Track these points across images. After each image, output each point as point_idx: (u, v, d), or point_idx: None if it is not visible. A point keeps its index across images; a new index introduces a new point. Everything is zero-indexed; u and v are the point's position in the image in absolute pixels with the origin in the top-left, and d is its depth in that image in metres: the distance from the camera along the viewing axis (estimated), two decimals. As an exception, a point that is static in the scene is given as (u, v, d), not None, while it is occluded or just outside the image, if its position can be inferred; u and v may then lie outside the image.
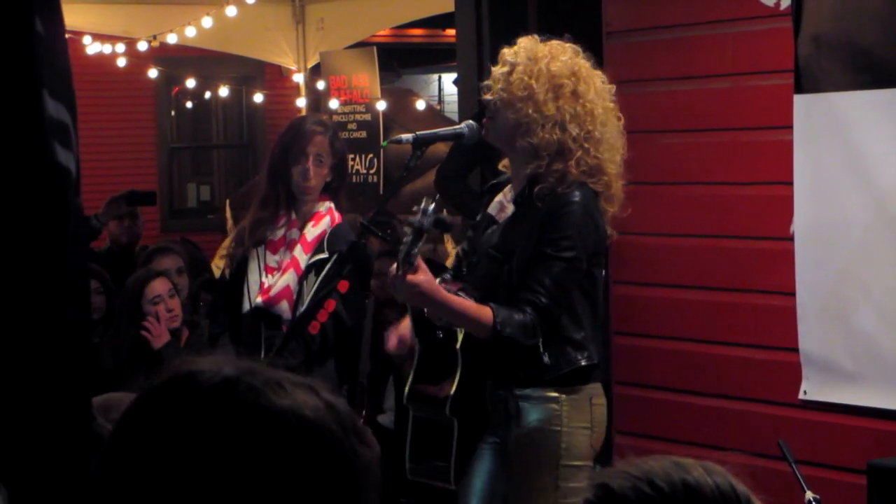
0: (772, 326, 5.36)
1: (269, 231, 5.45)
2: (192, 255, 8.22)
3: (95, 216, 7.46)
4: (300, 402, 1.39)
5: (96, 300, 6.90)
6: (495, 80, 4.26)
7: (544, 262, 4.12)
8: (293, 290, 5.35)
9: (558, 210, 4.14)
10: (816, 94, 5.08)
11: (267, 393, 1.38)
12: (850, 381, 5.07)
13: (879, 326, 4.98)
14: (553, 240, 4.13)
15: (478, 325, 4.10)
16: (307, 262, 5.36)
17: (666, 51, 5.73)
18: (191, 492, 1.33)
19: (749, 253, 5.45)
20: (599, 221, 4.23)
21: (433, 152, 5.62)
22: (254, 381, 1.40)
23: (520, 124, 4.18)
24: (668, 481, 1.51)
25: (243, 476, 1.34)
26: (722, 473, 1.55)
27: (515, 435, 4.22)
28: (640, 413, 5.90)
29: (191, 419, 1.37)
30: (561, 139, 4.16)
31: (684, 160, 5.70)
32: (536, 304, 4.10)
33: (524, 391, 4.19)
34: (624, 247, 5.76)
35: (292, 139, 5.44)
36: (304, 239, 5.40)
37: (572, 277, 4.15)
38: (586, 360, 4.20)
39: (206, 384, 1.39)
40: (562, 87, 4.19)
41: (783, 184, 5.22)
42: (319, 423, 1.39)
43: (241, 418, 1.37)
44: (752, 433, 5.39)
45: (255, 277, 5.42)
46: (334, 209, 5.46)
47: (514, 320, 4.08)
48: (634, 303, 5.91)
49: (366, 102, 10.23)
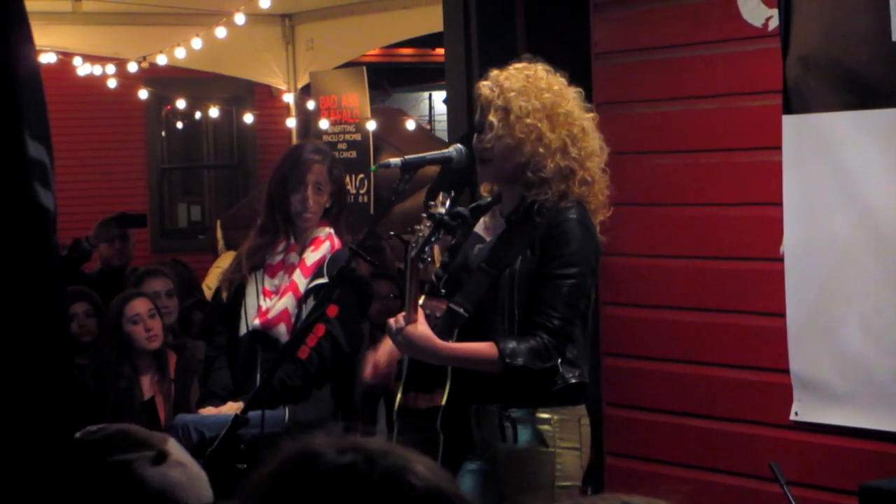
0: (762, 347, 5.36)
1: (267, 255, 5.45)
2: (182, 276, 8.22)
3: (86, 238, 7.45)
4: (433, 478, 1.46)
5: (88, 323, 6.88)
6: (490, 125, 4.23)
7: (551, 282, 4.12)
8: (291, 313, 5.34)
9: (558, 227, 4.15)
10: (805, 115, 5.08)
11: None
12: (842, 402, 5.06)
13: (870, 347, 4.97)
14: (557, 259, 4.13)
15: (484, 363, 4.09)
16: (306, 286, 5.36)
17: (654, 72, 5.73)
18: None
19: (739, 274, 5.45)
20: (596, 234, 4.24)
21: (423, 173, 5.61)
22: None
23: (528, 163, 4.19)
24: None
25: None
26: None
27: (505, 456, 4.19)
28: (630, 434, 5.88)
29: None
30: (566, 164, 4.18)
31: (673, 181, 5.70)
32: (549, 327, 4.10)
33: (515, 412, 4.18)
34: (613, 268, 5.76)
35: (290, 168, 5.44)
36: (304, 263, 5.40)
37: (581, 293, 4.16)
38: (577, 378, 4.19)
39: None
40: (556, 116, 4.20)
41: (772, 204, 5.22)
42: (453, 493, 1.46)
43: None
44: (744, 455, 5.38)
45: (253, 301, 5.41)
46: (334, 235, 5.46)
47: (523, 349, 4.08)
48: (624, 324, 5.91)
49: (356, 122, 10.24)
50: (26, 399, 1.51)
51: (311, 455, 1.47)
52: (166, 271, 7.54)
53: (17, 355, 1.49)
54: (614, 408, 5.95)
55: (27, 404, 1.51)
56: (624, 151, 5.67)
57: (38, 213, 1.52)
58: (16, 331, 1.49)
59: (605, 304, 5.92)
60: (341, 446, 1.47)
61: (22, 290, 1.49)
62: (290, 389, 5.27)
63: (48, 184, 1.54)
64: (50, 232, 1.54)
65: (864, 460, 4.97)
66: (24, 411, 1.50)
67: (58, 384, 1.55)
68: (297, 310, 5.34)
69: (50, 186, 1.54)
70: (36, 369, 1.51)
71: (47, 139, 1.56)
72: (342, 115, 10.35)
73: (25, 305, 1.49)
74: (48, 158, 1.56)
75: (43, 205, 1.53)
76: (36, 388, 1.51)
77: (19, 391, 1.50)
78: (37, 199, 1.51)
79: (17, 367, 1.50)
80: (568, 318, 4.13)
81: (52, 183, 1.55)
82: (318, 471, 1.45)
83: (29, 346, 1.50)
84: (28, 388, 1.50)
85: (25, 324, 1.50)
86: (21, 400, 1.51)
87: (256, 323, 5.35)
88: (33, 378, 1.51)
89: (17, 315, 1.49)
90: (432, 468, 1.48)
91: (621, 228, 5.72)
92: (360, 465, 1.45)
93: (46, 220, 1.53)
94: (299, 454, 1.47)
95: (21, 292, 1.49)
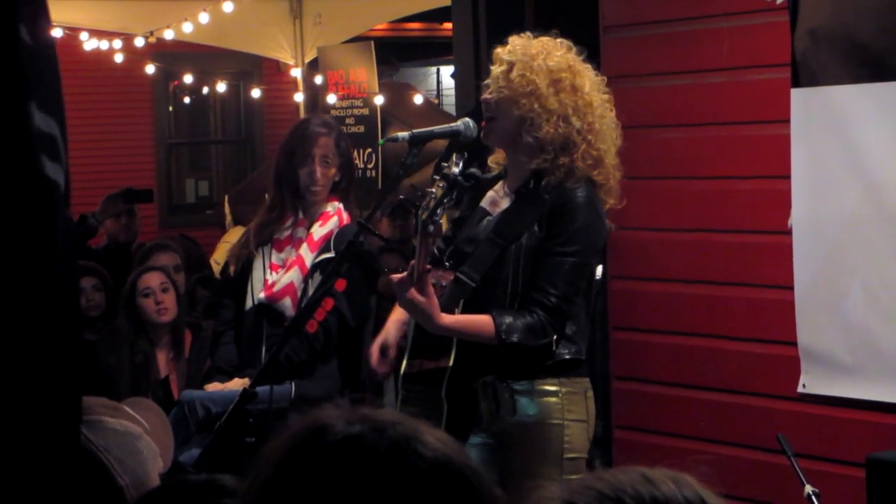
0: (770, 320, 5.36)
1: (275, 230, 5.45)
2: (189, 251, 8.23)
3: (93, 214, 7.46)
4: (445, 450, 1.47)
5: (95, 297, 6.90)
6: (494, 79, 4.26)
7: (553, 260, 4.13)
8: (297, 287, 5.35)
9: (565, 205, 4.16)
10: (813, 88, 5.07)
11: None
12: (849, 375, 5.07)
13: (877, 320, 4.97)
14: (561, 236, 4.14)
15: (481, 337, 4.11)
16: (313, 260, 5.36)
17: (663, 45, 5.72)
18: None
19: (747, 247, 5.45)
20: (604, 216, 4.25)
21: (431, 147, 5.60)
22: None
23: (524, 119, 4.19)
24: (637, 498, 1.48)
25: None
26: (691, 486, 1.52)
27: (513, 429, 4.20)
28: (638, 407, 5.89)
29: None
30: (565, 132, 4.18)
31: (681, 155, 5.69)
32: (546, 304, 4.11)
33: (518, 385, 4.18)
34: (622, 242, 5.76)
35: (297, 142, 5.43)
36: (311, 238, 5.39)
37: (581, 273, 4.17)
38: (572, 354, 4.20)
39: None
40: (561, 81, 4.21)
41: (781, 178, 5.22)
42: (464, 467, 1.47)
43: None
44: (751, 427, 5.39)
45: (260, 275, 5.42)
46: (343, 210, 5.46)
47: (518, 325, 4.09)
48: (633, 298, 5.91)
49: (363, 97, 10.22)
50: (35, 378, 1.50)
51: (320, 427, 1.48)
52: (174, 246, 7.54)
53: (20, 331, 1.48)
54: (623, 381, 5.96)
55: (36, 383, 1.50)
56: (632, 125, 5.65)
57: (44, 184, 1.52)
58: (18, 306, 1.48)
59: (613, 278, 5.92)
60: (350, 418, 1.48)
61: (24, 262, 1.48)
62: (296, 365, 5.27)
63: (58, 157, 1.53)
64: (58, 205, 1.53)
65: (871, 432, 4.98)
66: (33, 390, 1.50)
67: (67, 361, 1.54)
68: (304, 284, 5.35)
69: (60, 160, 1.53)
70: (43, 346, 1.50)
71: (60, 113, 1.56)
72: (350, 90, 10.34)
73: (28, 279, 1.49)
74: (59, 132, 1.55)
75: (49, 177, 1.52)
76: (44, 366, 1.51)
77: (27, 369, 1.49)
78: (42, 170, 1.50)
79: (22, 344, 1.49)
80: (567, 297, 4.13)
81: (63, 157, 1.54)
82: (326, 441, 1.46)
83: (33, 322, 1.49)
84: (36, 365, 1.49)
85: (28, 298, 1.49)
86: (29, 379, 1.50)
87: (262, 296, 5.36)
88: (41, 355, 1.50)
89: (18, 289, 1.48)
90: (442, 439, 1.49)
91: (629, 202, 5.71)
92: (368, 434, 1.46)
93: (54, 193, 1.53)
94: (309, 426, 1.48)
95: (23, 265, 1.48)
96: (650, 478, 1.50)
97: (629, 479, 1.50)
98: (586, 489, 1.48)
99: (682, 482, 1.50)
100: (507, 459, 4.24)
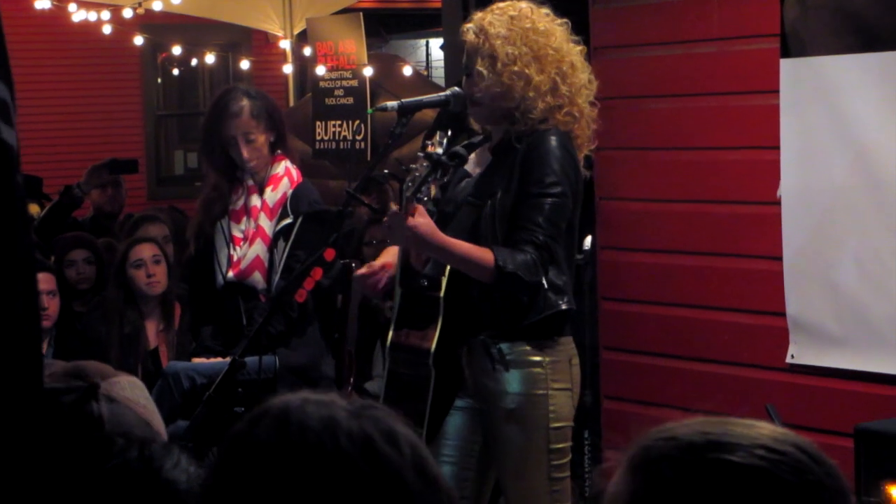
0: (759, 291, 5.37)
1: (229, 202, 5.44)
2: (178, 223, 8.20)
3: (78, 185, 7.44)
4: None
5: (86, 270, 6.87)
6: (480, 75, 4.21)
7: (533, 201, 4.11)
8: (264, 259, 5.35)
9: (538, 148, 4.14)
10: (803, 59, 5.07)
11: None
12: (838, 345, 5.08)
13: (866, 290, 4.98)
14: (538, 178, 4.12)
15: (479, 266, 4.08)
16: (273, 228, 5.36)
17: (652, 16, 5.71)
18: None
19: (736, 218, 5.45)
20: (577, 158, 4.23)
21: (420, 118, 5.59)
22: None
23: (518, 107, 4.18)
24: (792, 443, 1.49)
25: None
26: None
27: (498, 399, 4.19)
28: (627, 378, 5.91)
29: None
30: (557, 102, 4.18)
31: (670, 125, 5.69)
32: (535, 241, 4.09)
33: (504, 347, 4.16)
34: (611, 212, 5.76)
35: (214, 131, 5.45)
36: (266, 206, 5.39)
37: (562, 213, 4.15)
38: (566, 304, 4.19)
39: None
40: (544, 56, 4.19)
41: (770, 148, 5.22)
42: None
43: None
44: (740, 397, 5.40)
45: (225, 251, 5.41)
46: (291, 168, 5.45)
47: (517, 259, 4.08)
48: (622, 268, 5.91)
49: (352, 69, 10.19)
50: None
51: (283, 410, 1.50)
52: (163, 217, 7.53)
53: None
54: (612, 352, 5.96)
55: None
56: (621, 96, 5.66)
57: (4, 149, 1.52)
58: None
59: (602, 249, 5.93)
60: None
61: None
62: (275, 337, 5.27)
63: (10, 121, 1.53)
64: (14, 169, 1.54)
65: (859, 402, 4.99)
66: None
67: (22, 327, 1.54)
68: (269, 255, 5.35)
69: (12, 123, 1.54)
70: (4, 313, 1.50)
71: (7, 76, 1.55)
72: (339, 62, 10.31)
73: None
74: (9, 95, 1.55)
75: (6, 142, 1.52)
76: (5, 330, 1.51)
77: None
78: (0, 135, 1.51)
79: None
80: (551, 235, 4.12)
81: (13, 120, 1.55)
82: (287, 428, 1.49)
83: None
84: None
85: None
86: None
87: (231, 275, 5.36)
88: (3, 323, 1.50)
89: None
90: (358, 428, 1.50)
91: (618, 173, 5.72)
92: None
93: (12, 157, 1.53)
94: (271, 410, 1.51)
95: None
96: (748, 424, 1.54)
97: (748, 428, 1.52)
98: (733, 445, 1.49)
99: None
100: (493, 428, 4.24)
